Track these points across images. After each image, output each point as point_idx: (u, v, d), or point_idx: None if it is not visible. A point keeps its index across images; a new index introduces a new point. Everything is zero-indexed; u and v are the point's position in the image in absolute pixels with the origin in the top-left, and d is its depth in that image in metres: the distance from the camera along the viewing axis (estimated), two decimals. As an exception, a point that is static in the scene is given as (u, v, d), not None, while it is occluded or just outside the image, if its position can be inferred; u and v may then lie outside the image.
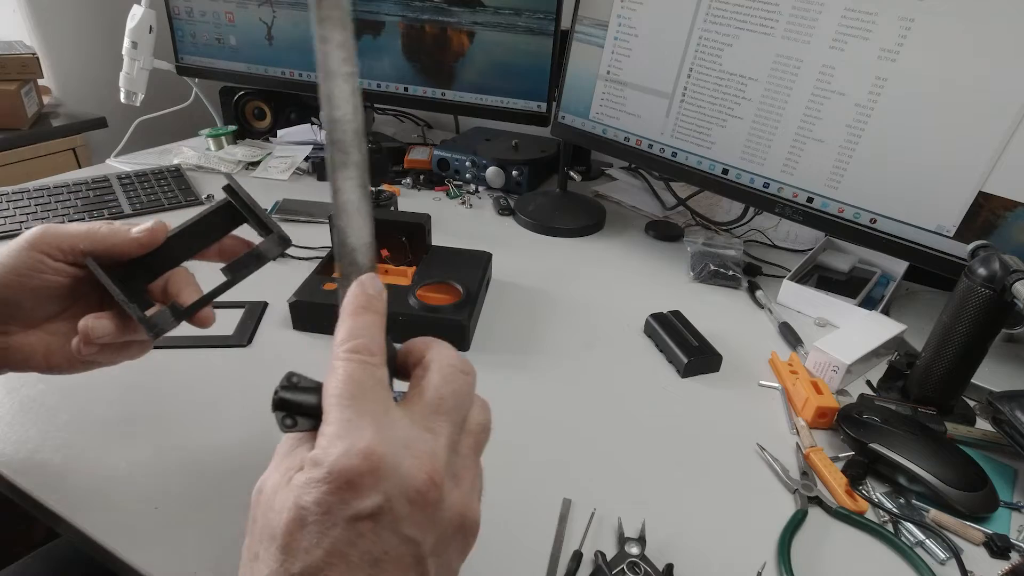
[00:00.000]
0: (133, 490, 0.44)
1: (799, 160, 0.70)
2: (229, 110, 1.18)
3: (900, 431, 0.51)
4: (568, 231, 0.90)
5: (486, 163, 1.02)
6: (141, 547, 0.40)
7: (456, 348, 0.30)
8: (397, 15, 0.98)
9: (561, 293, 0.74)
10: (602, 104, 0.85)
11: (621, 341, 0.66)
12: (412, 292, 0.64)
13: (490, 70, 0.97)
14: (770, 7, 0.67)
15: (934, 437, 0.51)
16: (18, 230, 0.79)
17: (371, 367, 0.27)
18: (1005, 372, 0.61)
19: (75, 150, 1.45)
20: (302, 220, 0.88)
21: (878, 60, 0.62)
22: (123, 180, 0.95)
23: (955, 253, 0.61)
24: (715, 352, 0.62)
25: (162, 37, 1.09)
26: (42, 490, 0.44)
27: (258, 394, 0.53)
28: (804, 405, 0.56)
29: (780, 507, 0.47)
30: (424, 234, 0.71)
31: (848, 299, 0.71)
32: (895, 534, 0.45)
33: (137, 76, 1.08)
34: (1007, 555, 0.44)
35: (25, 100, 1.34)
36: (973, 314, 0.52)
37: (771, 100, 0.70)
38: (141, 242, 0.41)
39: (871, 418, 0.52)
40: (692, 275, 0.80)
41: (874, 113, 0.63)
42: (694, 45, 0.74)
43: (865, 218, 0.67)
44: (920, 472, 0.48)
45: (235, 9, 1.05)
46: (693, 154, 0.78)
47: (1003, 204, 0.58)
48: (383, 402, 0.26)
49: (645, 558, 0.42)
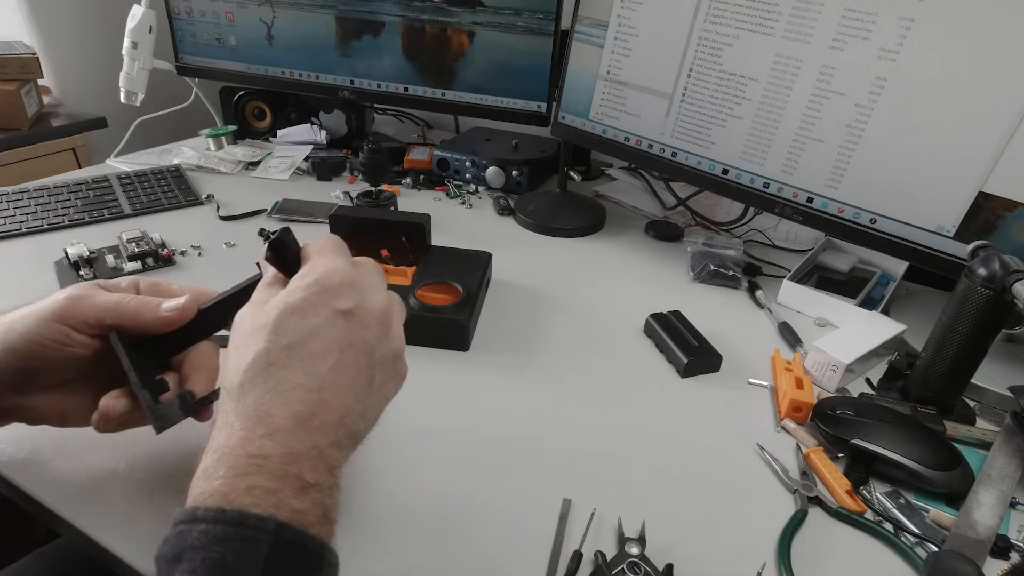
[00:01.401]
0: (133, 490, 0.44)
1: (799, 160, 0.70)
2: (229, 110, 1.18)
3: (873, 421, 0.52)
4: (568, 231, 0.90)
5: (486, 163, 1.02)
6: (141, 547, 0.40)
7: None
8: (397, 15, 0.98)
9: (561, 293, 0.74)
10: (602, 104, 0.85)
11: (621, 341, 0.66)
12: (412, 292, 0.63)
13: (490, 70, 0.97)
14: (770, 7, 0.67)
15: (906, 422, 0.52)
16: (18, 230, 0.79)
17: (340, 239, 0.38)
18: (1005, 372, 0.61)
19: (75, 150, 1.45)
20: (302, 220, 0.88)
21: (878, 60, 0.62)
22: (123, 180, 0.95)
23: (955, 253, 0.61)
24: (715, 352, 0.62)
25: (162, 37, 1.09)
26: (42, 490, 0.44)
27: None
28: (782, 399, 0.56)
29: (780, 507, 0.47)
30: (424, 234, 0.70)
31: (848, 299, 0.71)
32: (895, 534, 0.45)
33: (137, 76, 1.08)
34: (1007, 555, 0.44)
35: (25, 100, 1.34)
36: (973, 314, 0.52)
37: (771, 100, 0.70)
38: (169, 321, 0.40)
39: (844, 412, 0.53)
40: (692, 275, 0.80)
41: (874, 113, 0.63)
42: (694, 45, 0.74)
43: (865, 218, 0.67)
44: (897, 458, 0.49)
45: (235, 9, 1.05)
46: (693, 154, 0.78)
47: (1003, 204, 0.58)
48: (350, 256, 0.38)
49: (645, 558, 0.42)
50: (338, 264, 0.36)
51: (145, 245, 0.74)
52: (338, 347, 0.33)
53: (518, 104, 0.98)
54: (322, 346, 0.33)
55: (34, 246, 0.78)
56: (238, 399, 0.32)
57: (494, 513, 0.45)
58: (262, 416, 0.31)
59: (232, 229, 0.85)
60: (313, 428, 0.32)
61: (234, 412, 0.32)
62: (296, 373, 0.32)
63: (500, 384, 0.58)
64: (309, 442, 0.31)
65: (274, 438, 0.30)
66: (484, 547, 0.42)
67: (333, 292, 0.34)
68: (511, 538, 0.43)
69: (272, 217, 0.88)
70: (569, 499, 0.46)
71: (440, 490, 0.46)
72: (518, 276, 0.77)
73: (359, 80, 1.05)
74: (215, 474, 0.29)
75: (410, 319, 0.61)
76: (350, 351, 0.34)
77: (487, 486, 0.47)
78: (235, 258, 0.78)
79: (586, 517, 0.45)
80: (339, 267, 0.35)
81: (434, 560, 0.41)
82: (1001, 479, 0.48)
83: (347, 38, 1.02)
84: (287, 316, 0.33)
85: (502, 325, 0.67)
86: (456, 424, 0.53)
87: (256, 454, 0.30)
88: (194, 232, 0.83)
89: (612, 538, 0.43)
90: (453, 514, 0.45)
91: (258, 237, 0.82)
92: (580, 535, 0.43)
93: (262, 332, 0.33)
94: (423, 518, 0.44)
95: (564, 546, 0.42)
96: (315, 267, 0.35)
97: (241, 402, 0.32)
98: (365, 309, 0.35)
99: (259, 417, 0.31)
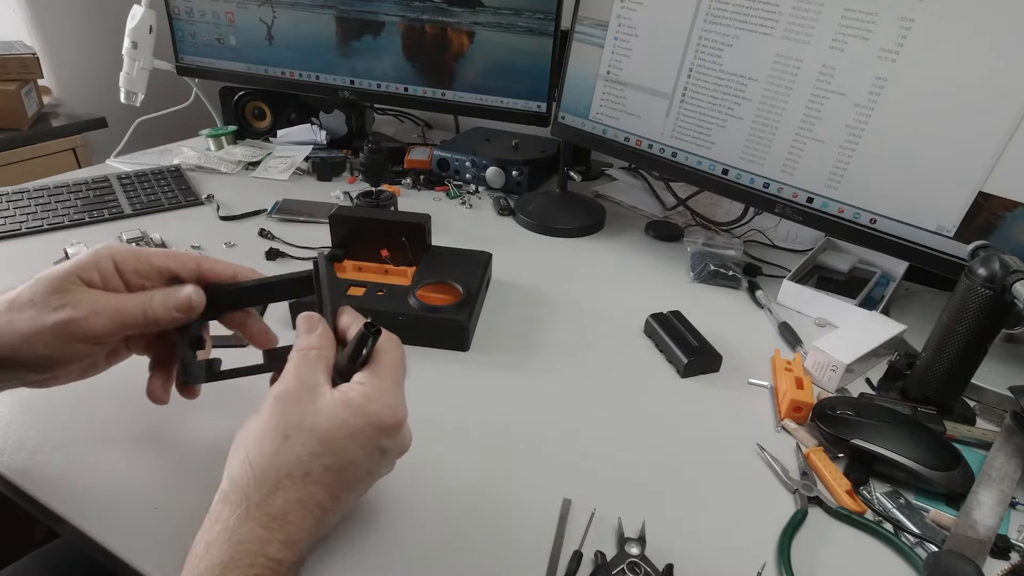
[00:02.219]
0: (133, 490, 0.44)
1: (799, 160, 0.70)
2: (229, 110, 1.18)
3: (872, 421, 0.52)
4: (568, 231, 0.90)
5: (486, 163, 1.02)
6: (141, 547, 0.40)
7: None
8: (397, 15, 0.98)
9: (561, 293, 0.74)
10: (602, 104, 0.85)
11: (621, 341, 0.66)
12: (412, 292, 0.63)
13: (490, 70, 0.97)
14: (770, 7, 0.67)
15: (906, 422, 0.52)
16: (18, 230, 0.79)
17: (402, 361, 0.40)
18: (1005, 372, 0.61)
19: (75, 150, 1.45)
20: (302, 220, 0.88)
21: (878, 60, 0.62)
22: (123, 180, 0.95)
23: (955, 253, 0.61)
24: (715, 352, 0.62)
25: (162, 37, 1.09)
26: (42, 490, 0.44)
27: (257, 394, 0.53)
28: (782, 399, 0.56)
29: (780, 507, 0.47)
30: (424, 234, 0.70)
31: (848, 299, 0.71)
32: (895, 534, 0.45)
33: (137, 76, 1.08)
34: (1007, 555, 0.44)
35: (25, 100, 1.34)
36: (973, 314, 0.52)
37: (771, 100, 0.70)
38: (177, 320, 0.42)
39: (844, 412, 0.53)
40: (692, 275, 0.80)
41: (874, 113, 0.63)
42: (694, 45, 0.74)
43: (865, 218, 0.67)
44: (897, 458, 0.49)
45: (235, 9, 1.05)
46: (693, 154, 0.78)
47: (1003, 204, 0.58)
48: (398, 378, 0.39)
49: (645, 558, 0.42)
50: (394, 399, 0.37)
51: (145, 245, 0.74)
52: (362, 478, 0.37)
53: (518, 104, 0.98)
54: (352, 477, 0.36)
55: (34, 246, 0.78)
56: (268, 492, 0.33)
57: (494, 513, 0.45)
58: (284, 523, 0.33)
59: (232, 229, 0.85)
60: (313, 541, 0.35)
61: (259, 506, 0.33)
62: (323, 493, 0.34)
63: (500, 384, 0.58)
64: (307, 552, 0.35)
65: (290, 547, 0.33)
66: (484, 547, 0.42)
67: (384, 432, 0.36)
68: (511, 538, 0.43)
69: (272, 217, 0.88)
70: (569, 499, 0.46)
71: (440, 490, 0.46)
72: (518, 276, 0.77)
73: (359, 80, 1.05)
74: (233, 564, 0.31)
75: (410, 319, 0.62)
76: (367, 480, 0.38)
77: (487, 486, 0.47)
78: (235, 258, 0.77)
79: (586, 517, 0.45)
80: (394, 404, 0.37)
81: (434, 560, 0.41)
82: (1001, 479, 0.48)
83: (347, 38, 1.02)
84: (339, 434, 0.35)
85: (502, 325, 0.67)
86: (456, 424, 0.53)
87: (273, 557, 0.32)
88: (194, 232, 0.83)
89: (612, 538, 0.43)
90: (453, 514, 0.45)
91: (259, 237, 0.82)
92: (580, 535, 0.43)
93: (311, 438, 0.34)
94: (423, 518, 0.44)
95: (564, 546, 0.42)
96: (379, 392, 0.36)
97: (270, 499, 0.33)
98: (395, 452, 0.38)
99: (282, 521, 0.33)
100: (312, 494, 0.34)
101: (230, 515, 0.32)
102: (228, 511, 0.32)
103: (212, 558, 0.31)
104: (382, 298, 0.63)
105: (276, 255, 0.78)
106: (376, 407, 0.36)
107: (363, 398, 0.36)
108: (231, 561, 0.31)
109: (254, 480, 0.33)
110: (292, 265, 0.76)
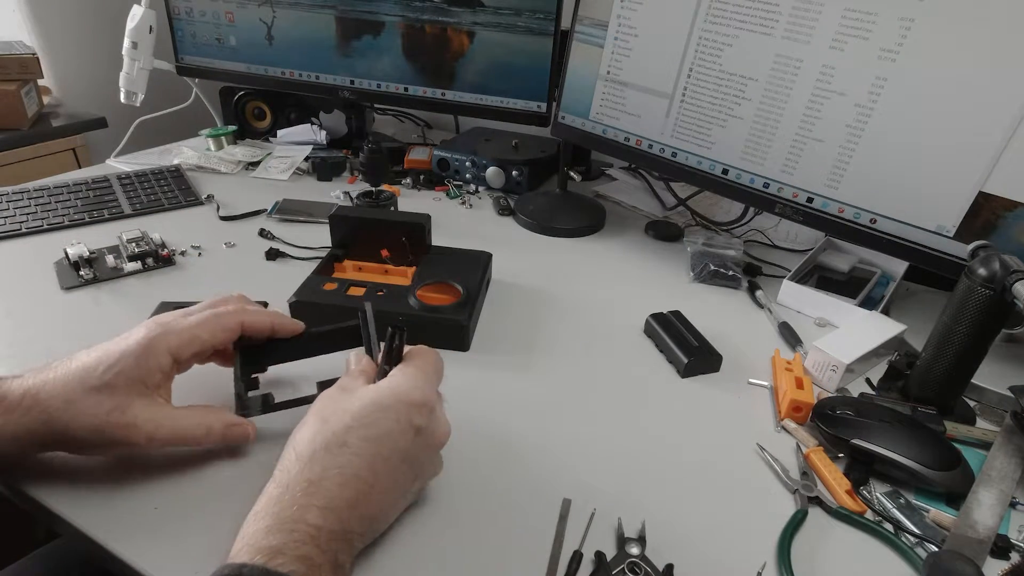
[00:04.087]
0: (133, 490, 0.44)
1: (799, 160, 0.70)
2: (229, 110, 1.18)
3: (872, 421, 0.52)
4: (568, 231, 0.90)
5: (486, 163, 1.02)
6: (141, 547, 0.40)
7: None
8: (397, 15, 0.98)
9: (561, 293, 0.74)
10: (602, 104, 0.85)
11: (621, 341, 0.66)
12: (412, 292, 0.63)
13: (490, 70, 0.97)
14: (770, 7, 0.67)
15: (906, 422, 0.52)
16: (18, 230, 0.79)
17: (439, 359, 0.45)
18: (1005, 372, 0.61)
19: (75, 150, 1.45)
20: (302, 220, 0.88)
21: (878, 60, 0.62)
22: (123, 180, 0.95)
23: (955, 253, 0.61)
24: (715, 352, 0.62)
25: (162, 37, 1.09)
26: (42, 490, 0.44)
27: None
28: (782, 399, 0.56)
29: (780, 507, 0.47)
30: (424, 234, 0.70)
31: (848, 299, 0.71)
32: (895, 534, 0.45)
33: (137, 76, 1.08)
34: (1007, 555, 0.44)
35: (25, 100, 1.34)
36: (973, 314, 0.52)
37: (771, 100, 0.70)
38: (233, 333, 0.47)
39: (844, 412, 0.53)
40: (692, 275, 0.80)
41: (874, 113, 0.63)
42: (694, 45, 0.74)
43: (865, 218, 0.67)
44: (897, 458, 0.49)
45: (235, 9, 1.05)
46: (693, 154, 0.78)
47: (1003, 204, 0.58)
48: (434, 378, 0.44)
49: (645, 558, 0.42)
50: (424, 383, 0.41)
51: (145, 245, 0.74)
52: (399, 456, 0.39)
53: (518, 104, 0.98)
54: (389, 450, 0.38)
55: (34, 246, 0.78)
56: (307, 462, 0.36)
57: (494, 513, 0.45)
58: (320, 488, 0.35)
59: (232, 229, 0.85)
60: (355, 516, 0.36)
61: (300, 475, 0.36)
62: (361, 463, 0.37)
63: (500, 384, 0.58)
64: (349, 526, 0.36)
65: (327, 513, 0.35)
66: (484, 547, 0.42)
67: (414, 407, 0.39)
68: (511, 538, 0.43)
69: (272, 217, 0.88)
70: (569, 499, 0.46)
71: (440, 490, 0.46)
72: (518, 276, 0.77)
73: (359, 80, 1.05)
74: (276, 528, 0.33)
75: (410, 319, 0.62)
76: (406, 464, 0.39)
77: (487, 486, 0.47)
78: (235, 258, 0.78)
79: (586, 517, 0.45)
80: (423, 386, 0.41)
81: (434, 560, 0.41)
82: (1001, 479, 0.48)
83: (347, 38, 1.02)
84: (372, 409, 0.38)
85: (502, 325, 0.67)
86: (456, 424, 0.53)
87: (312, 523, 0.34)
88: (194, 232, 0.83)
89: (612, 538, 0.43)
90: (453, 514, 0.45)
91: (259, 237, 0.82)
92: (580, 535, 0.43)
93: (346, 415, 0.38)
94: (423, 518, 0.44)
95: (564, 546, 0.42)
96: (407, 377, 0.41)
97: (309, 467, 0.36)
98: (431, 432, 0.41)
99: (319, 487, 0.35)
100: (349, 462, 0.36)
101: (275, 488, 0.36)
102: (273, 486, 0.36)
103: (259, 523, 0.34)
104: (382, 298, 0.63)
105: (276, 255, 0.78)
106: (404, 388, 0.40)
107: (392, 382, 0.41)
108: (274, 525, 0.33)
109: (296, 460, 0.37)
110: (293, 265, 0.76)
